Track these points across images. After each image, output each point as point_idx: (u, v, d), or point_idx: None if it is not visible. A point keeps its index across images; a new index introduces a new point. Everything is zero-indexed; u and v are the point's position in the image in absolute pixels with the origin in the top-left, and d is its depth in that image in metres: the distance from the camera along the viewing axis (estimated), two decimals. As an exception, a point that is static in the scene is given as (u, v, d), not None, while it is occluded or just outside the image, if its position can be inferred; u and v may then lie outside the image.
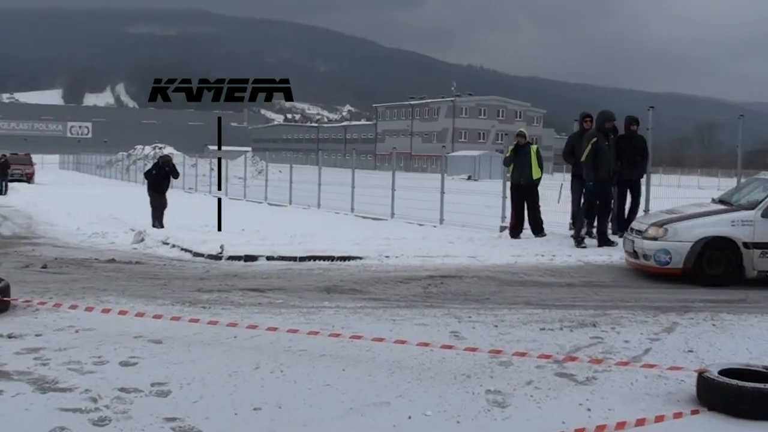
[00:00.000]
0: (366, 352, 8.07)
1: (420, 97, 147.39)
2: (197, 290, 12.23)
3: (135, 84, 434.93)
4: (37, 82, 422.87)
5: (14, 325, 9.37)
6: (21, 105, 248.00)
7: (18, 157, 60.33)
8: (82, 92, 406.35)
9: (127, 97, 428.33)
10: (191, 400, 6.55)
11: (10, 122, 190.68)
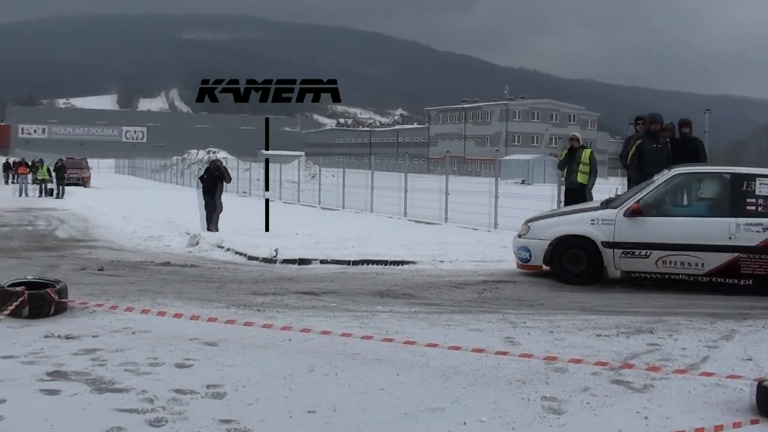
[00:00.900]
0: (420, 357, 8.06)
1: (472, 101, 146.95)
2: (252, 293, 12.30)
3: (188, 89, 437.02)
4: (93, 88, 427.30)
5: (72, 327, 9.49)
6: (77, 110, 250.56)
7: (74, 161, 61.07)
8: (137, 97, 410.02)
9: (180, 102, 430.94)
10: (246, 402, 6.59)
11: (66, 127, 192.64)
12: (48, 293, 10.18)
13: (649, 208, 13.61)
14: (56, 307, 10.17)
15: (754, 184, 13.03)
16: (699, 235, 13.07)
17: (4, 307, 9.85)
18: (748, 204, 12.95)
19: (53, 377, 7.30)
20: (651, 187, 13.97)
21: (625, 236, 13.53)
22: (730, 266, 12.89)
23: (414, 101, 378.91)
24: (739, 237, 12.83)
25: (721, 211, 13.15)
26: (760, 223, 12.78)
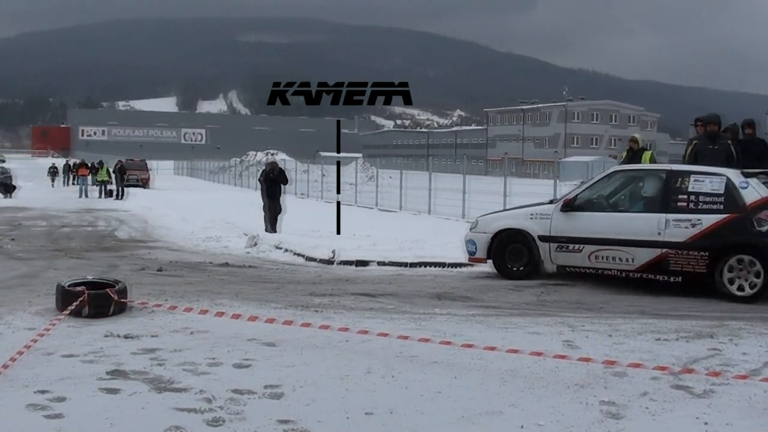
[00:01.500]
0: (478, 360, 8.02)
1: (531, 102, 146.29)
2: (309, 294, 12.34)
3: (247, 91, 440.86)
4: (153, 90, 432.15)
5: (131, 326, 9.59)
6: (137, 112, 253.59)
7: (134, 162, 61.81)
8: (196, 99, 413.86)
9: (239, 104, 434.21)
10: (304, 403, 6.60)
11: (127, 129, 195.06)
12: (108, 293, 10.30)
13: (584, 203, 13.85)
14: (116, 307, 10.29)
15: (688, 180, 13.03)
16: (629, 231, 13.16)
17: (65, 306, 9.99)
18: (680, 200, 12.94)
19: (113, 376, 7.38)
20: (589, 183, 14.42)
21: (560, 230, 13.81)
22: (659, 262, 12.89)
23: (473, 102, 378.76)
24: (668, 233, 12.82)
25: (653, 207, 13.21)
26: (688, 219, 12.73)
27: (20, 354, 7.90)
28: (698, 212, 12.70)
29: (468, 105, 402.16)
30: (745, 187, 12.61)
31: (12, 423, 6.11)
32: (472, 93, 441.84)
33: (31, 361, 7.81)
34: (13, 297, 11.89)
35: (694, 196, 12.82)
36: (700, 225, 12.59)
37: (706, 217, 12.60)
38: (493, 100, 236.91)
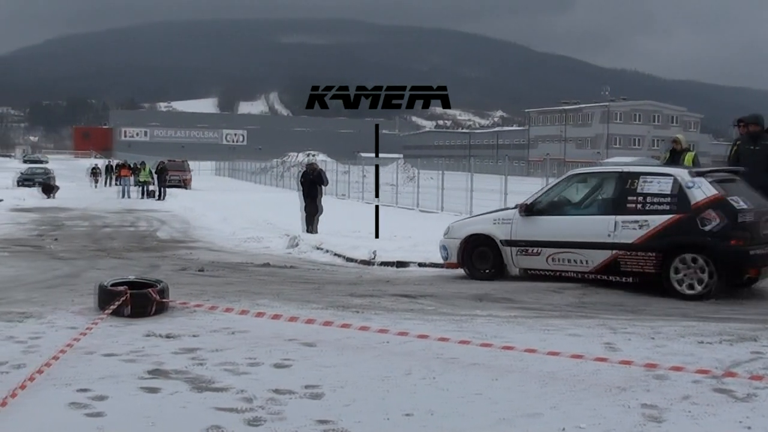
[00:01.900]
0: (518, 362, 7.97)
1: (573, 102, 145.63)
2: (349, 295, 12.35)
3: (288, 92, 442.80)
4: (194, 92, 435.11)
5: (172, 326, 9.64)
6: (178, 113, 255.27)
7: (175, 163, 62.19)
8: (237, 101, 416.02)
9: (280, 106, 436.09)
10: (343, 403, 6.59)
11: (168, 130, 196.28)
12: (149, 293, 10.36)
13: (542, 207, 14.16)
14: (157, 306, 10.36)
15: (638, 181, 13.13)
16: (583, 233, 13.37)
17: (106, 306, 10.06)
18: (629, 202, 13.05)
19: (154, 375, 7.42)
20: (548, 187, 14.94)
21: (521, 234, 14.14)
22: (611, 263, 13.05)
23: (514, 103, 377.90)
24: (618, 234, 12.97)
25: (605, 210, 13.38)
26: (636, 221, 12.84)
27: (62, 353, 7.96)
28: (646, 213, 12.84)
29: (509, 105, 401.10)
30: (691, 187, 12.67)
31: (54, 421, 6.15)
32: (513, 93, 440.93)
33: (72, 360, 7.86)
34: (56, 296, 12.01)
35: (643, 197, 12.97)
36: (648, 226, 12.75)
37: (654, 218, 12.75)
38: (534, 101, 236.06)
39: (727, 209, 12.28)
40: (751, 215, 12.39)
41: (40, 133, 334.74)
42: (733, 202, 12.37)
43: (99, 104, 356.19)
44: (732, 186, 13.00)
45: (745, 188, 13.18)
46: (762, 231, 12.53)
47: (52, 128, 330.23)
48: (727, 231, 12.16)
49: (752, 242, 12.28)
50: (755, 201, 12.80)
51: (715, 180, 12.92)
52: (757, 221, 12.46)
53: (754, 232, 12.36)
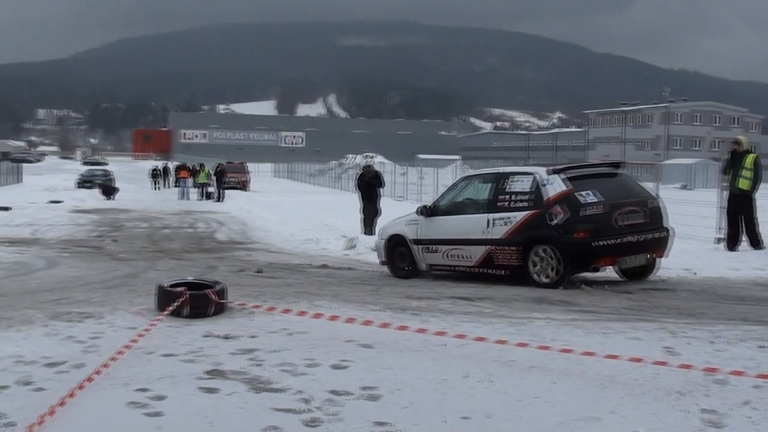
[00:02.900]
0: (576, 366, 7.90)
1: (632, 103, 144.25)
2: (406, 297, 12.34)
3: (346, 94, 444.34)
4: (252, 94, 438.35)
5: (230, 327, 9.69)
6: (237, 116, 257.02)
7: (233, 165, 62.57)
8: (295, 103, 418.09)
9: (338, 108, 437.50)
10: (401, 406, 6.57)
11: (227, 132, 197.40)
12: (208, 294, 10.44)
13: (439, 208, 15.30)
14: (215, 307, 10.43)
15: (507, 181, 14.16)
16: (467, 231, 14.44)
17: (165, 306, 10.15)
18: (500, 201, 14.06)
19: (212, 376, 7.46)
20: (446, 190, 16.26)
21: (424, 234, 15.25)
22: (488, 258, 14.08)
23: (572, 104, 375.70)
24: (491, 231, 14.00)
25: (483, 209, 14.40)
26: (503, 218, 13.85)
27: (121, 353, 8.03)
28: (511, 210, 13.83)
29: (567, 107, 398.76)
30: (546, 185, 13.55)
31: (113, 420, 6.21)
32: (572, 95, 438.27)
33: (131, 360, 7.94)
34: (115, 297, 12.14)
35: (510, 196, 13.98)
36: (511, 222, 13.77)
37: (517, 214, 13.73)
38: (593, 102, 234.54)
39: (572, 203, 13.19)
40: (598, 208, 13.22)
41: (99, 135, 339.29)
42: (580, 197, 13.25)
43: (158, 107, 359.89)
44: (594, 182, 13.86)
45: (618, 183, 14.34)
46: (616, 223, 13.33)
47: (111, 130, 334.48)
48: (569, 224, 13.14)
49: (598, 234, 13.13)
50: (614, 195, 13.61)
51: (573, 177, 13.76)
52: (606, 214, 13.25)
53: (601, 225, 13.18)
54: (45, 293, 12.65)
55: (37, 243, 21.73)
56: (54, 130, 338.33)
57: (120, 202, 43.13)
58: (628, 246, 13.42)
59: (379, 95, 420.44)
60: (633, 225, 13.57)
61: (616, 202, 13.48)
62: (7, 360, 8.03)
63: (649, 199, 14.22)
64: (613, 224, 13.30)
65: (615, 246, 13.25)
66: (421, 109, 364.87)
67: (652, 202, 14.22)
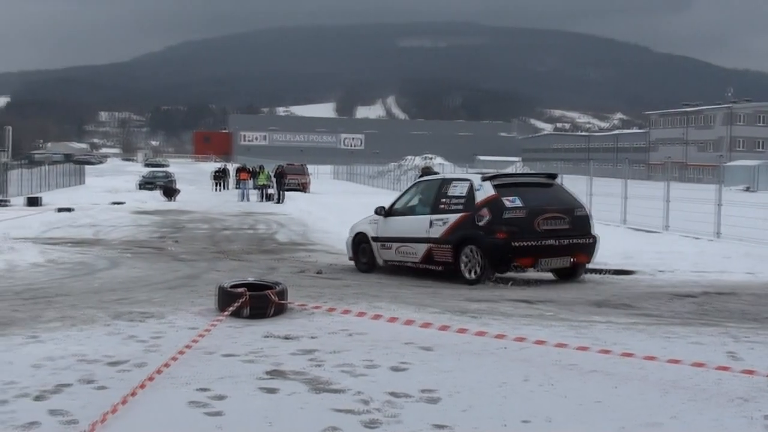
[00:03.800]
0: (638, 370, 7.82)
1: (694, 104, 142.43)
2: (466, 300, 12.31)
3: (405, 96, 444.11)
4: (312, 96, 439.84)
5: (291, 327, 9.74)
6: (297, 118, 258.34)
7: (294, 167, 62.74)
8: (355, 105, 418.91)
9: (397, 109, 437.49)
10: (460, 409, 6.55)
11: (287, 134, 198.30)
12: (268, 295, 10.50)
13: (395, 209, 16.68)
14: (276, 308, 10.50)
15: (449, 186, 15.46)
16: (413, 230, 15.70)
17: (226, 307, 10.22)
18: (441, 203, 15.32)
19: (272, 376, 7.50)
20: (401, 193, 17.57)
21: (381, 232, 16.58)
22: (428, 255, 15.31)
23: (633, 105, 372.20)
24: (431, 231, 15.21)
25: (427, 210, 15.64)
26: (441, 219, 15.07)
27: (182, 353, 8.10)
28: (448, 212, 15.06)
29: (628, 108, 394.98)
30: (478, 190, 14.72)
31: (174, 419, 6.27)
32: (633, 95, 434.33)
33: (192, 360, 8.00)
34: (176, 297, 12.26)
35: (449, 199, 15.24)
36: (447, 223, 14.98)
37: (452, 216, 14.95)
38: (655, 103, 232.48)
39: (496, 207, 14.31)
40: (521, 212, 14.27)
41: (161, 137, 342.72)
42: (505, 201, 14.34)
43: (219, 109, 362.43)
44: (523, 189, 14.99)
45: (548, 192, 15.37)
46: (538, 227, 14.33)
47: (172, 133, 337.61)
48: (492, 226, 14.24)
49: (519, 236, 14.12)
50: (539, 203, 14.64)
51: (503, 184, 14.95)
52: (528, 218, 14.28)
53: (522, 227, 14.19)
54: (107, 293, 12.82)
55: (100, 243, 22.00)
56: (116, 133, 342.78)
57: (181, 204, 43.47)
58: (548, 249, 14.35)
59: (439, 96, 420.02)
60: (555, 230, 14.50)
61: (539, 208, 14.49)
62: (70, 358, 8.14)
63: (576, 208, 15.10)
64: (535, 228, 14.29)
65: (534, 248, 14.23)
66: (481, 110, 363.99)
67: (579, 211, 15.11)
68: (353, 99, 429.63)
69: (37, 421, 6.12)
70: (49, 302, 11.83)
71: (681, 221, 23.66)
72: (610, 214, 27.80)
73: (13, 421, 6.13)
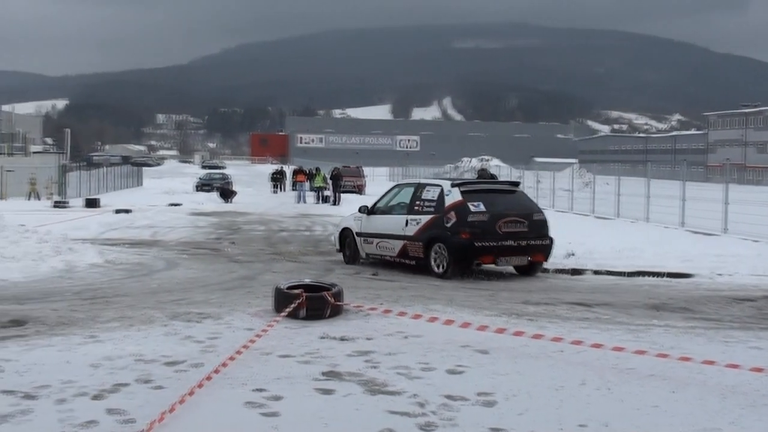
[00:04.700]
0: (696, 375, 7.74)
1: (754, 105, 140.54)
2: (523, 302, 12.27)
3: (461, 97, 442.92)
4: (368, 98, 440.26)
5: (347, 329, 9.78)
6: (353, 120, 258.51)
7: (350, 169, 62.81)
8: (410, 106, 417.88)
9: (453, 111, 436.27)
10: (516, 412, 6.53)
11: (343, 136, 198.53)
12: (325, 296, 10.55)
13: (377, 208, 18.35)
14: (332, 309, 10.54)
15: (423, 190, 17.19)
16: (391, 228, 17.36)
17: (282, 308, 10.27)
18: (416, 205, 17.02)
19: (328, 377, 7.53)
20: (383, 194, 19.10)
21: (364, 228, 18.28)
22: (404, 250, 16.91)
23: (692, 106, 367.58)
24: (407, 229, 16.87)
25: (404, 211, 17.31)
26: (415, 219, 16.75)
27: (239, 353, 8.16)
28: (422, 213, 16.73)
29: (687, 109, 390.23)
30: (447, 194, 16.36)
31: (231, 419, 6.31)
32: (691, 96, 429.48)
33: (249, 360, 8.06)
34: (233, 298, 12.34)
35: (422, 202, 16.91)
36: (420, 223, 16.62)
37: (424, 217, 16.61)
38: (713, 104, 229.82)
39: (461, 211, 15.85)
40: (484, 216, 15.75)
41: (218, 139, 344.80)
42: (470, 206, 15.87)
43: (275, 111, 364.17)
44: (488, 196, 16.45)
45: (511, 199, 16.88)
46: (499, 230, 15.73)
47: (229, 135, 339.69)
48: (458, 227, 15.76)
49: (481, 237, 15.57)
50: (501, 208, 16.12)
51: (469, 190, 16.46)
52: (490, 221, 15.72)
53: (484, 230, 15.64)
54: (165, 294, 12.94)
55: (157, 245, 22.19)
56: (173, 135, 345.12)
57: (237, 205, 43.71)
58: (507, 249, 15.79)
59: (495, 98, 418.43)
60: (514, 233, 15.89)
61: (500, 213, 15.94)
62: (127, 358, 8.23)
63: (534, 213, 16.62)
64: (496, 230, 15.73)
65: (494, 248, 15.67)
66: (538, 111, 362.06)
67: (537, 216, 16.57)
68: (409, 100, 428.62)
69: (95, 420, 6.21)
70: (107, 302, 11.96)
71: (740, 224, 23.34)
72: (668, 217, 27.55)
73: (72, 420, 6.21)
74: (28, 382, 7.31)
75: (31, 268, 15.69)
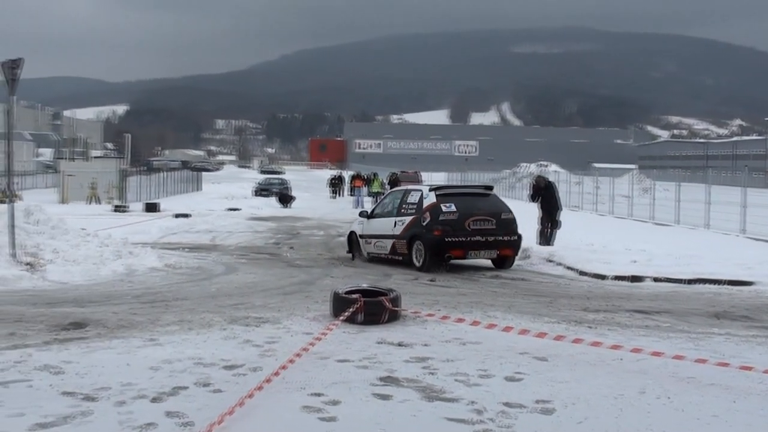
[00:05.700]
0: (758, 384, 7.63)
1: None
2: (583, 309, 12.18)
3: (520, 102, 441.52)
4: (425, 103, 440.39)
5: (404, 334, 9.79)
6: (410, 125, 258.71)
7: (407, 174, 62.97)
8: (468, 111, 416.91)
9: (512, 116, 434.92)
10: (575, 421, 6.49)
11: (400, 142, 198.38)
12: (382, 301, 10.57)
13: (374, 212, 20.55)
14: (389, 314, 10.56)
15: (409, 195, 19.41)
16: (384, 229, 19.49)
17: (340, 313, 10.30)
18: (403, 208, 19.19)
19: (385, 382, 7.54)
20: (381, 199, 21.67)
21: (365, 230, 20.37)
22: (393, 248, 19.06)
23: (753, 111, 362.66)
24: (395, 229, 18.99)
25: (394, 213, 19.41)
26: (401, 220, 18.91)
27: (297, 357, 8.20)
28: (406, 215, 18.89)
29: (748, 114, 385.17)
30: (426, 198, 18.57)
31: (288, 423, 6.36)
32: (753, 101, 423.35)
33: (307, 365, 8.09)
34: (292, 303, 12.40)
35: (407, 205, 19.09)
36: (404, 223, 18.77)
37: (407, 218, 18.77)
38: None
39: (434, 211, 18.02)
40: (454, 215, 17.85)
41: (276, 144, 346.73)
42: (443, 207, 18.00)
43: (333, 117, 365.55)
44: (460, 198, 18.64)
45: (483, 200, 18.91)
46: (468, 227, 17.79)
47: (288, 140, 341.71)
48: (431, 225, 17.87)
49: (451, 233, 17.66)
50: (470, 208, 18.12)
51: (444, 194, 18.79)
52: (460, 220, 17.80)
53: (455, 227, 17.74)
54: (224, 298, 13.03)
55: (217, 249, 22.39)
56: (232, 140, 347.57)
57: (296, 210, 43.95)
58: (475, 244, 17.85)
59: (554, 103, 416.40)
60: (482, 229, 17.93)
61: (469, 212, 18.00)
62: (186, 361, 8.31)
63: (503, 212, 18.55)
64: (465, 227, 17.81)
65: (464, 242, 17.78)
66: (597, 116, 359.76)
67: (506, 215, 18.52)
68: (467, 105, 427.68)
69: (154, 423, 6.28)
70: (167, 306, 12.09)
71: (803, 231, 23.00)
72: (728, 224, 27.22)
73: (131, 422, 6.29)
74: (89, 383, 7.42)
75: (92, 271, 15.93)
